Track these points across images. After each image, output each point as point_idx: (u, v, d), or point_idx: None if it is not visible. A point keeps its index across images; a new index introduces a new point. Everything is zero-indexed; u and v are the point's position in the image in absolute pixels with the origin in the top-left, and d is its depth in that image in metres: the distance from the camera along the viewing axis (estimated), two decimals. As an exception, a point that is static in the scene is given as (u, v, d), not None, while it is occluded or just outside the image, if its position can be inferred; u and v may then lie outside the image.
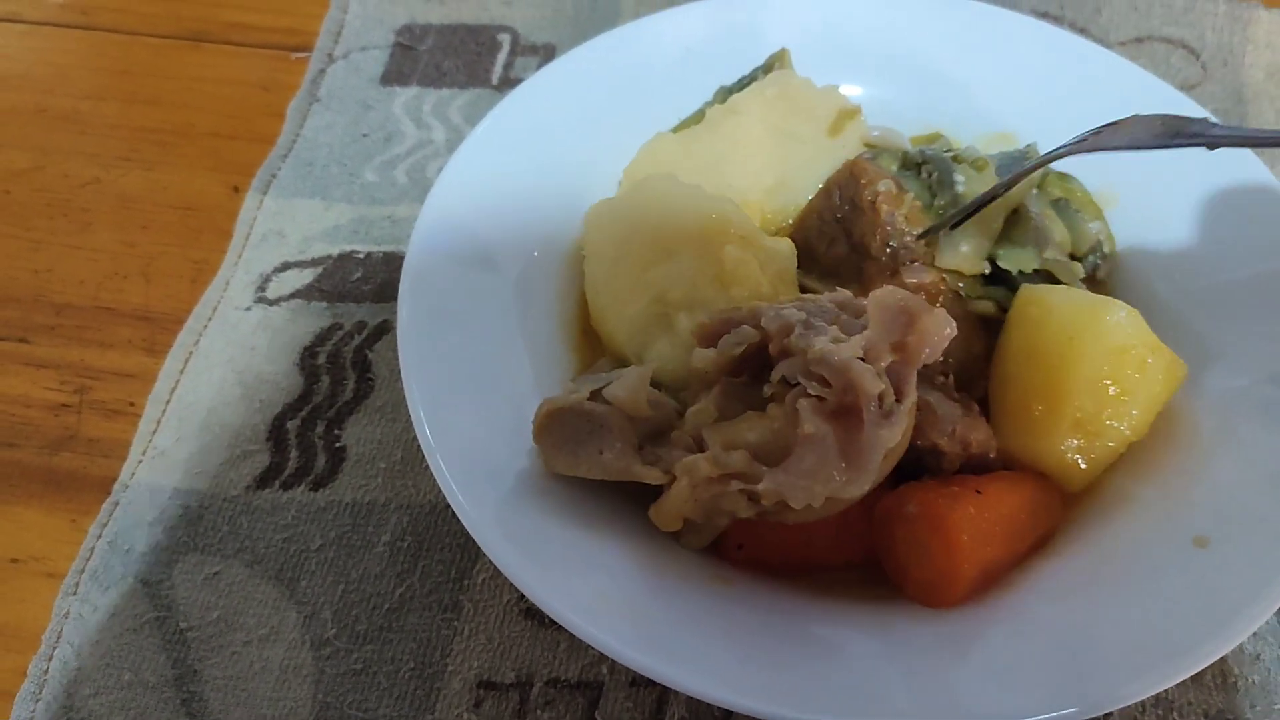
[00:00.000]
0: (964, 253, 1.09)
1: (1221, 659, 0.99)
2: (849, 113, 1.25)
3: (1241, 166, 1.17)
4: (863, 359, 0.87)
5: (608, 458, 0.94)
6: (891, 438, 0.86)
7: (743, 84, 1.28)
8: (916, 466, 0.98)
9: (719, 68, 1.32)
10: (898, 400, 0.88)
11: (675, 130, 1.28)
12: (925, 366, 1.02)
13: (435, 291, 1.07)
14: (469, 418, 1.00)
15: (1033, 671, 0.88)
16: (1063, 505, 1.02)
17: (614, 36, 1.31)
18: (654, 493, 0.95)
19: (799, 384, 0.89)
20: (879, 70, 1.34)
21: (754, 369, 0.96)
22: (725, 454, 0.90)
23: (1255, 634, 1.00)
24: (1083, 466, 1.00)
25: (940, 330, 0.89)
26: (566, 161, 1.23)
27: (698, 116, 1.28)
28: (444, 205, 1.13)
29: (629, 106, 1.28)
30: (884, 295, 0.90)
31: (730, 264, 1.08)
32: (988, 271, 1.11)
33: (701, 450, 0.93)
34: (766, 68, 1.28)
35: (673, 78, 1.31)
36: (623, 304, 1.11)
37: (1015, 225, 1.12)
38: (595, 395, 0.98)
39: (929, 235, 1.09)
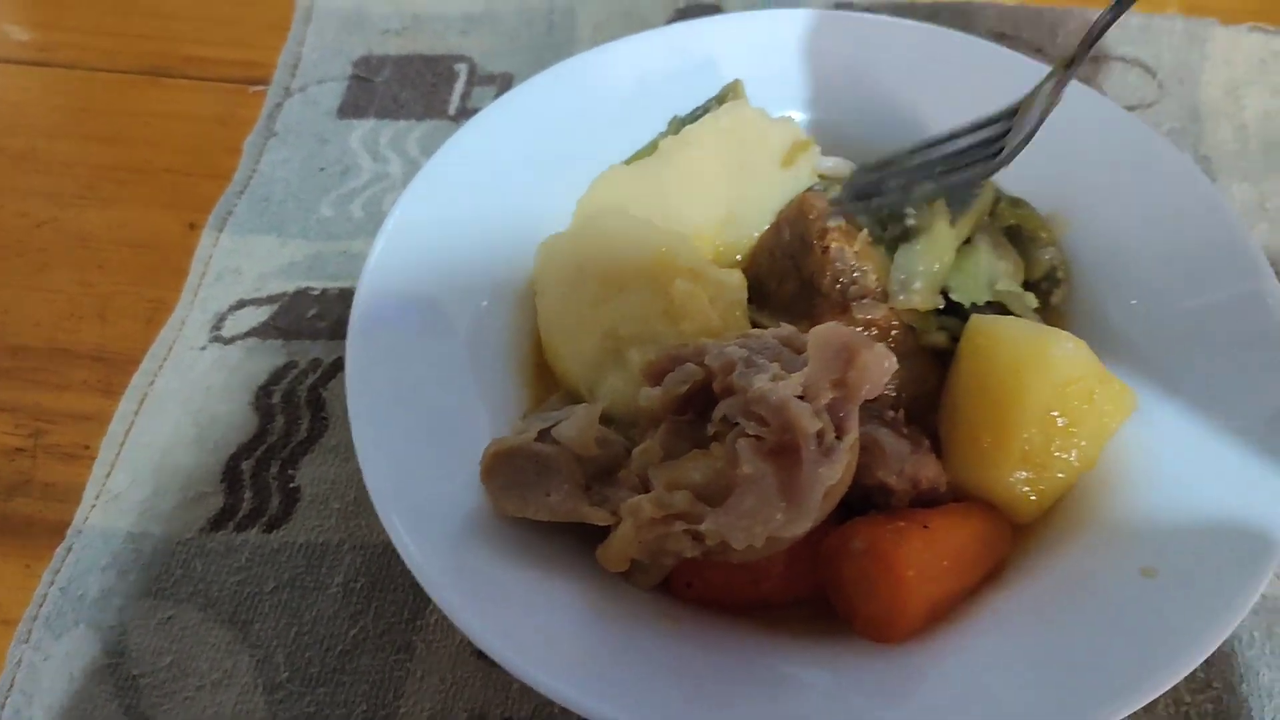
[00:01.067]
0: (917, 290, 1.08)
1: (1174, 687, 0.99)
2: (802, 145, 1.25)
3: (1196, 192, 1.17)
4: (801, 397, 0.87)
5: (555, 499, 0.94)
6: (831, 476, 0.86)
7: (696, 115, 1.28)
8: (865, 502, 0.98)
9: (673, 97, 1.32)
10: (838, 437, 0.88)
11: (628, 162, 1.28)
12: (874, 401, 1.02)
13: (386, 330, 1.07)
14: (418, 458, 1.00)
15: (982, 706, 0.88)
16: (1012, 537, 1.02)
17: (567, 67, 1.31)
18: (604, 531, 0.95)
19: (739, 423, 0.89)
20: (832, 96, 1.34)
21: (700, 406, 0.96)
22: (668, 495, 0.89)
23: (1207, 661, 1.00)
24: (1032, 498, 1.00)
25: (879, 365, 0.89)
26: (519, 195, 1.23)
27: (651, 148, 1.28)
28: (395, 242, 1.12)
29: (582, 138, 1.28)
30: (824, 331, 0.90)
31: (680, 298, 1.08)
32: (942, 306, 1.11)
33: (647, 490, 0.93)
34: (720, 99, 1.28)
35: (627, 108, 1.31)
36: (575, 340, 1.11)
37: (966, 257, 1.12)
38: (543, 434, 0.98)
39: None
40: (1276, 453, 0.97)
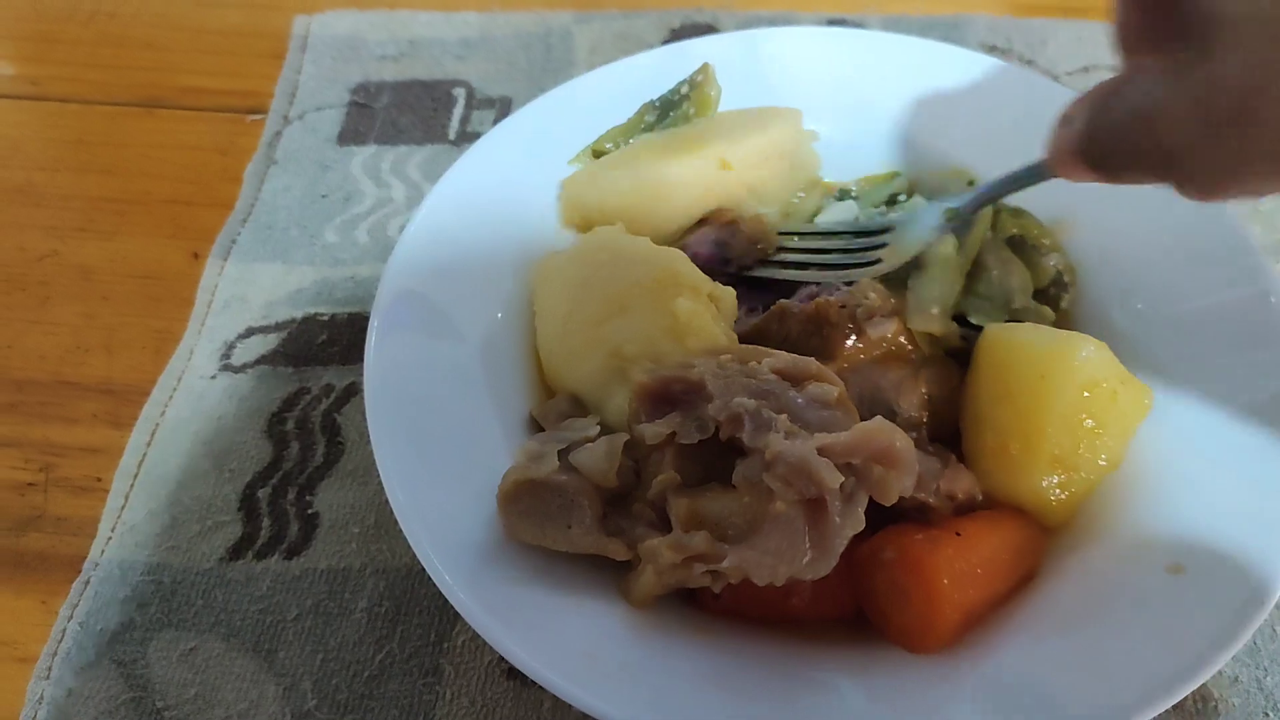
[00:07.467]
0: (935, 315, 1.09)
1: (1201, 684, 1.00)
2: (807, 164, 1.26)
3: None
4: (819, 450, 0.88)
5: (575, 533, 0.94)
6: (857, 525, 0.87)
7: (668, 100, 1.29)
8: (898, 514, 0.98)
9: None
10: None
11: (605, 137, 1.29)
12: (901, 417, 1.03)
13: (402, 355, 1.06)
14: (441, 480, 0.99)
15: (1018, 713, 0.88)
16: (1043, 542, 1.02)
17: (569, 89, 1.31)
18: (625, 545, 0.96)
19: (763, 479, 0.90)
20: (831, 112, 1.35)
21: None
22: (687, 537, 0.90)
23: (1233, 656, 1.02)
24: (1063, 501, 1.01)
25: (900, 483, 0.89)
26: (527, 216, 1.23)
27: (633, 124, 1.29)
28: (405, 267, 1.12)
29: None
30: (871, 429, 0.89)
31: (683, 316, 1.06)
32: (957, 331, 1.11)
33: (662, 520, 0.94)
34: (691, 83, 1.29)
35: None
36: (579, 361, 1.10)
37: (978, 279, 1.13)
38: (562, 457, 0.97)
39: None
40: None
